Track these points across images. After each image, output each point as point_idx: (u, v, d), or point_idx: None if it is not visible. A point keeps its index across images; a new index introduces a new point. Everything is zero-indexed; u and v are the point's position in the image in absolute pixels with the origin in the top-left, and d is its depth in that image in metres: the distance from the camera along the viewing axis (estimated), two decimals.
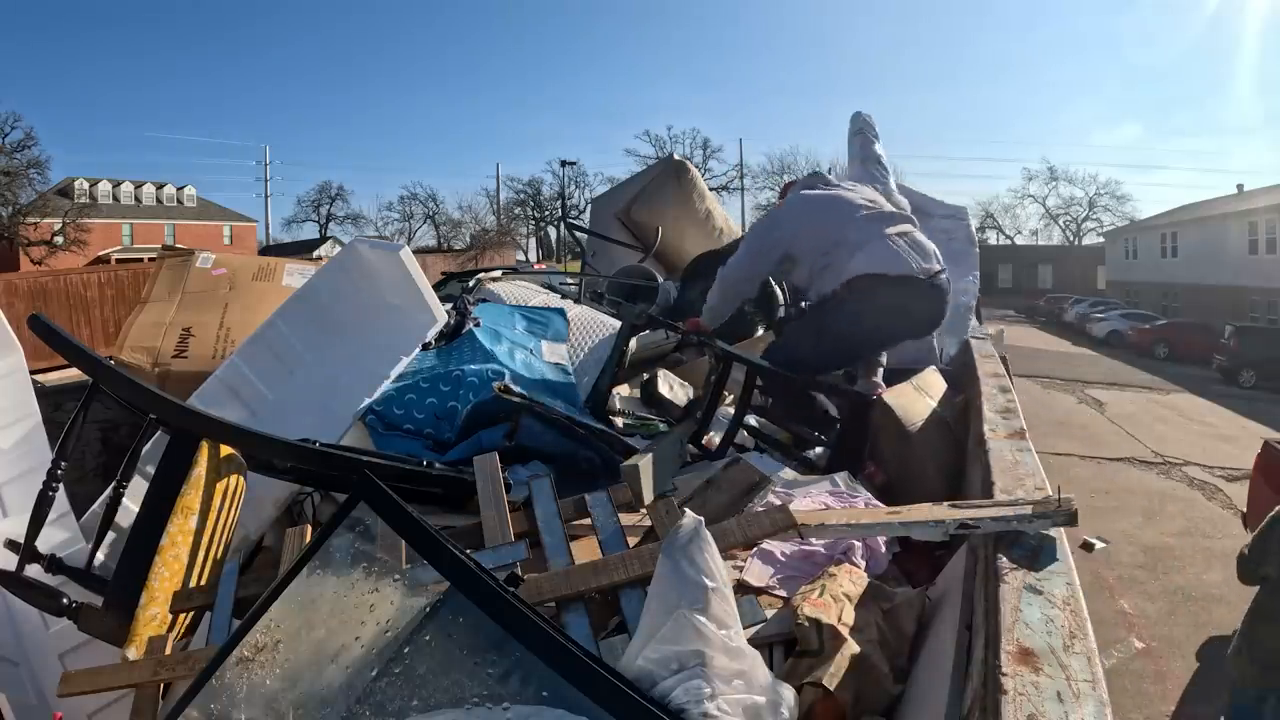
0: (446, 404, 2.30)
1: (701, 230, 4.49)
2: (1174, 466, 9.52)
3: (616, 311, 3.23)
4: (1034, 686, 0.82)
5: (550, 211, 42.43)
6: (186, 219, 35.40)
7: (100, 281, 11.36)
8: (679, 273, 4.02)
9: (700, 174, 4.79)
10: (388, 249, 2.35)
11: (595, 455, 2.06)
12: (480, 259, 29.24)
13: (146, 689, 1.34)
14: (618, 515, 1.46)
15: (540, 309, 3.02)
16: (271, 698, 1.03)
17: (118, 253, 29.87)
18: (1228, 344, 17.41)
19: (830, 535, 1.43)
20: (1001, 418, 1.83)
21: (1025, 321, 30.63)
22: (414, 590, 1.06)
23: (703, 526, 1.07)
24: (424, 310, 2.24)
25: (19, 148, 28.56)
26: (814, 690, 1.08)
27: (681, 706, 0.90)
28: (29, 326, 1.59)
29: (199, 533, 1.56)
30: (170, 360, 2.69)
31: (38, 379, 2.35)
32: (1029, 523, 1.18)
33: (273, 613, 1.06)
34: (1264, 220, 22.41)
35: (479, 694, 0.94)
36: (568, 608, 1.26)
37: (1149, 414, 12.92)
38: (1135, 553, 6.76)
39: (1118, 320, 24.75)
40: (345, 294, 2.26)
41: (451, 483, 1.81)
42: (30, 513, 1.59)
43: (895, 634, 1.26)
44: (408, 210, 44.81)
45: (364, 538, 1.09)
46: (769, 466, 1.98)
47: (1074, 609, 0.97)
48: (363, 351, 2.18)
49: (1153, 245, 30.09)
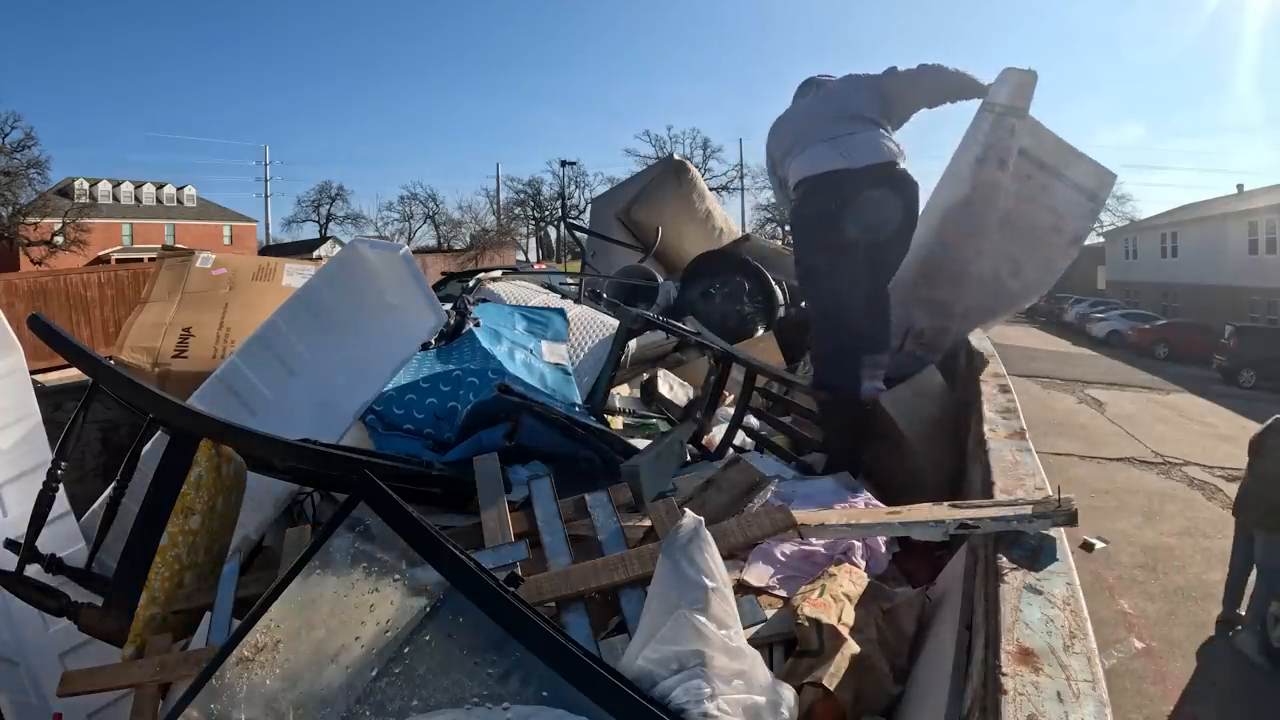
0: (446, 404, 2.30)
1: (701, 230, 4.50)
2: (1174, 466, 9.52)
3: (615, 312, 3.23)
4: (1034, 686, 0.82)
5: (550, 211, 42.43)
6: (186, 219, 35.40)
7: (100, 281, 11.37)
8: (679, 273, 4.02)
9: (700, 174, 4.79)
10: (388, 249, 2.34)
11: (595, 455, 2.06)
12: (480, 259, 29.24)
13: (146, 689, 1.34)
14: (618, 515, 1.46)
15: (540, 309, 3.02)
16: (271, 698, 1.03)
17: (118, 253, 29.88)
18: (1228, 344, 17.41)
19: (830, 535, 1.43)
20: (1001, 418, 1.83)
21: (1025, 321, 30.61)
22: (414, 590, 1.06)
23: (703, 526, 1.07)
24: (424, 310, 2.24)
25: (19, 148, 28.58)
26: (814, 690, 1.08)
27: (681, 706, 0.90)
28: (29, 326, 1.59)
29: (199, 533, 1.56)
30: (170, 360, 2.69)
31: (38, 379, 2.35)
32: (1029, 523, 1.18)
33: (273, 613, 1.06)
34: (1264, 220, 22.41)
35: (479, 694, 0.94)
36: (568, 608, 1.26)
37: (1149, 414, 12.92)
38: (1135, 553, 6.76)
39: (1118, 320, 24.76)
40: (345, 294, 2.26)
41: (451, 483, 1.81)
42: (30, 513, 1.59)
43: (895, 634, 1.26)
44: (408, 210, 44.83)
45: (364, 538, 1.09)
46: (769, 467, 1.98)
47: (1074, 609, 0.97)
48: (363, 351, 2.18)
49: (1153, 245, 30.09)
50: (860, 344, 2.34)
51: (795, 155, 2.46)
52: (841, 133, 2.40)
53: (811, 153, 2.41)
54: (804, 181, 2.41)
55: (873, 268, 2.38)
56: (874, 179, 2.32)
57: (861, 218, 2.29)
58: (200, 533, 1.56)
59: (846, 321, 2.35)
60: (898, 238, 2.41)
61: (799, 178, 2.43)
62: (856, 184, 2.31)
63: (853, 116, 2.44)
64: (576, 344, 2.90)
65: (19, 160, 28.41)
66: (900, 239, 2.42)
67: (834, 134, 2.40)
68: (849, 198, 2.30)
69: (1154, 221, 32.02)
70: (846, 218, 2.29)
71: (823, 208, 2.35)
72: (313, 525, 1.81)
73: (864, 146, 2.37)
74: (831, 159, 2.35)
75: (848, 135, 2.39)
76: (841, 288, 2.34)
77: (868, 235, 2.31)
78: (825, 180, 2.35)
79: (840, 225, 2.29)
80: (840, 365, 2.33)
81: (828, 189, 2.34)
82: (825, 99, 2.57)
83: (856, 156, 2.34)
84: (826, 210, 2.33)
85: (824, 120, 2.47)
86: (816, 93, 2.65)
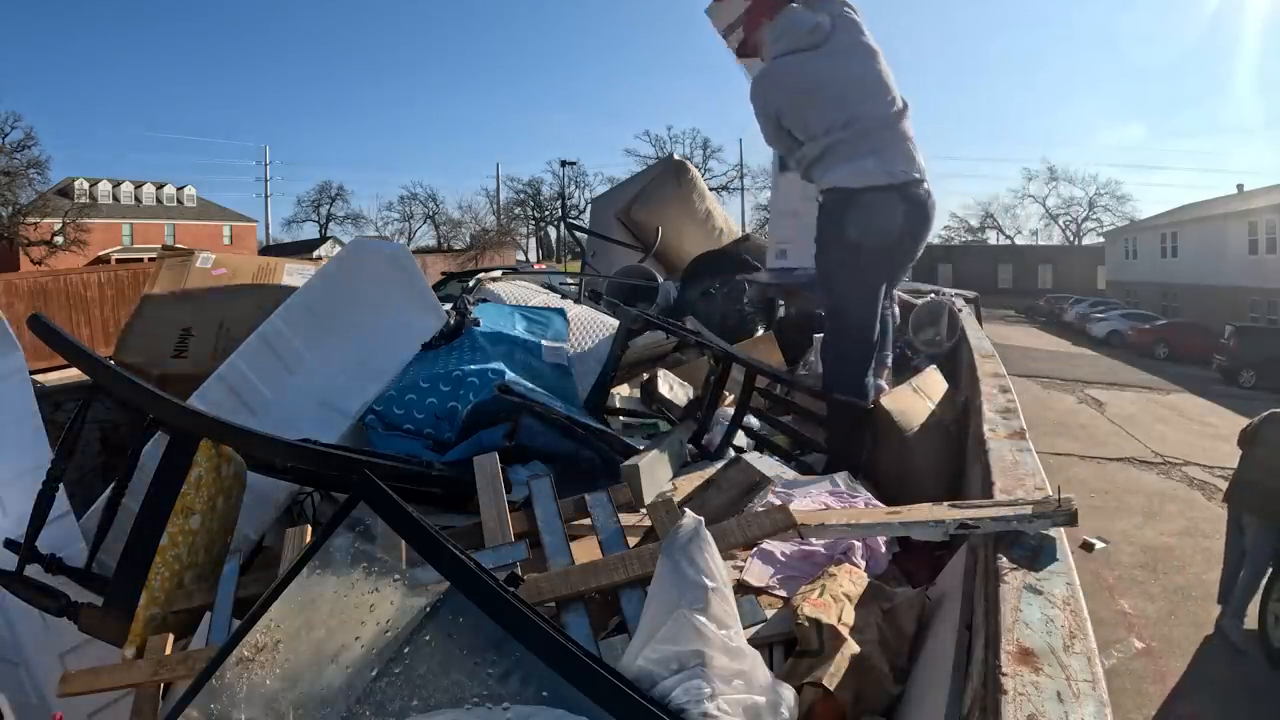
0: (446, 404, 2.30)
1: (701, 230, 4.50)
2: (1174, 466, 9.53)
3: (615, 311, 3.23)
4: (1034, 686, 0.82)
5: (550, 211, 42.47)
6: (186, 219, 35.42)
7: (100, 281, 11.38)
8: (679, 273, 4.03)
9: (700, 174, 4.80)
10: (388, 249, 2.35)
11: (595, 455, 2.06)
12: (480, 259, 29.27)
13: (146, 689, 1.34)
14: (618, 515, 1.46)
15: (540, 309, 3.02)
16: (271, 698, 1.03)
17: (118, 253, 29.89)
18: (1228, 344, 17.42)
19: (830, 535, 1.43)
20: (1001, 418, 1.83)
21: (1025, 321, 30.63)
22: (414, 590, 1.06)
23: (703, 526, 1.07)
24: (424, 310, 2.24)
25: (19, 148, 28.62)
26: (814, 690, 1.08)
27: (681, 706, 0.90)
28: (29, 326, 1.59)
29: (199, 533, 1.56)
30: (170, 360, 2.69)
31: (38, 379, 2.35)
32: (1029, 523, 1.18)
33: (273, 613, 1.06)
34: (1264, 220, 22.42)
35: (479, 694, 0.94)
36: (568, 608, 1.26)
37: (1149, 414, 12.92)
38: (1135, 553, 6.76)
39: (1118, 320, 24.78)
40: (345, 294, 2.25)
41: (451, 483, 1.81)
42: (30, 513, 1.59)
43: (895, 634, 1.26)
44: (408, 210, 44.93)
45: (364, 538, 1.09)
46: (769, 467, 1.98)
47: (1074, 609, 0.97)
48: (363, 351, 2.18)
49: (1153, 245, 30.10)
50: (870, 350, 2.40)
51: (832, 164, 2.37)
52: (880, 144, 2.34)
53: (850, 166, 2.33)
54: (838, 191, 2.36)
55: (890, 277, 2.48)
56: (905, 193, 2.33)
57: (891, 231, 2.32)
58: (200, 533, 1.56)
59: (863, 328, 2.38)
60: (915, 246, 2.46)
61: (834, 185, 2.37)
62: (895, 199, 2.31)
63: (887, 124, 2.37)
64: (576, 344, 2.90)
65: (19, 160, 28.46)
66: (917, 248, 2.48)
67: (873, 146, 2.33)
68: (887, 212, 2.30)
69: (1154, 221, 32.04)
70: (878, 231, 2.31)
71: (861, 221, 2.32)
72: (313, 525, 1.80)
73: (903, 159, 2.34)
74: (874, 174, 2.31)
75: (887, 147, 2.35)
76: (865, 296, 2.37)
77: (892, 246, 2.37)
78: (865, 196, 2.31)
79: (871, 237, 2.31)
80: (851, 371, 2.37)
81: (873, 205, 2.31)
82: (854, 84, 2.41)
83: (897, 171, 2.31)
84: (861, 224, 2.31)
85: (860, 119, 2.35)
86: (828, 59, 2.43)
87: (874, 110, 2.37)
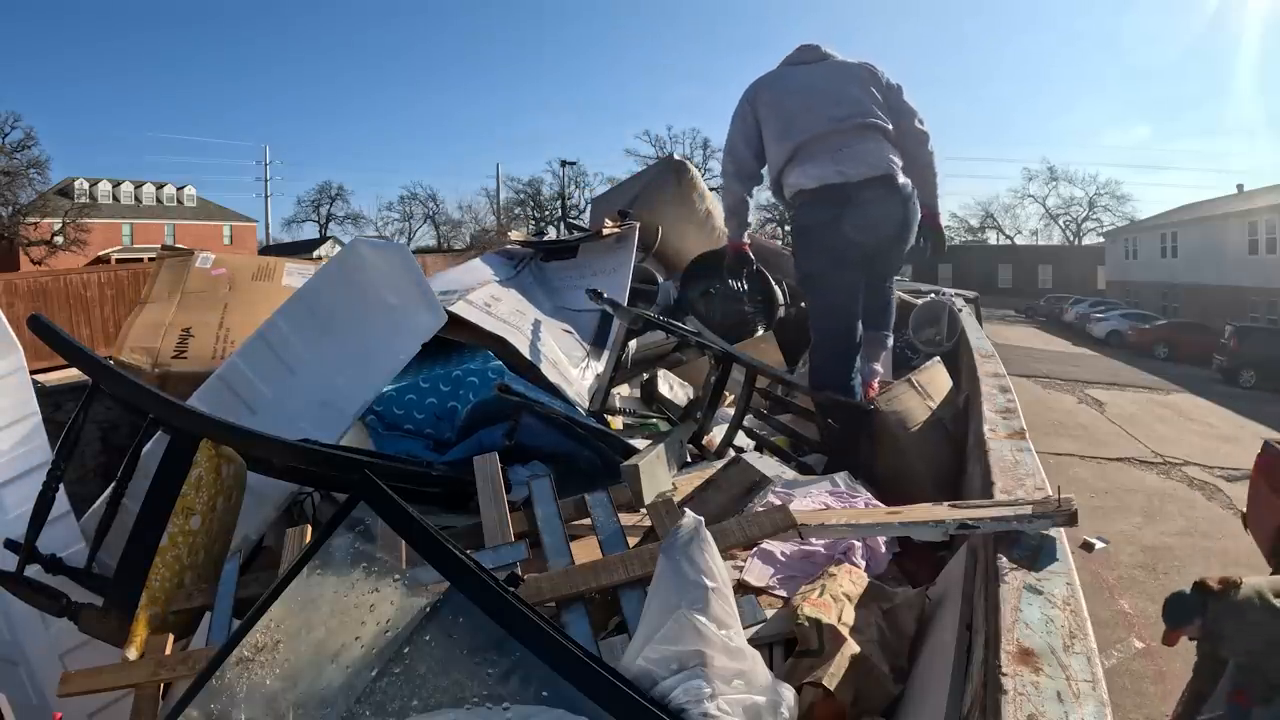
0: (446, 404, 2.30)
1: (701, 230, 4.49)
2: (1174, 466, 9.52)
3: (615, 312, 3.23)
4: (1034, 686, 0.82)
5: (550, 211, 42.47)
6: (186, 219, 35.38)
7: (100, 281, 11.38)
8: (679, 273, 4.02)
9: (700, 174, 4.79)
10: (388, 248, 2.35)
11: (595, 455, 2.06)
12: None
13: (146, 689, 1.34)
14: (618, 515, 1.46)
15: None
16: (271, 698, 1.03)
17: (118, 253, 29.85)
18: (1228, 344, 17.40)
19: (830, 535, 1.43)
20: (1001, 418, 1.82)
21: (1025, 321, 30.62)
22: (414, 590, 1.06)
23: (703, 526, 1.07)
24: (424, 310, 2.24)
25: (19, 148, 28.58)
26: (814, 690, 1.08)
27: (681, 706, 0.90)
28: (29, 326, 1.59)
29: (199, 533, 1.56)
30: (170, 360, 2.68)
31: (38, 379, 2.34)
32: (1029, 523, 1.18)
33: (273, 613, 1.06)
34: (1264, 220, 22.40)
35: (479, 694, 0.94)
36: (568, 608, 1.26)
37: (1149, 414, 12.92)
38: (1135, 553, 6.76)
39: (1118, 320, 24.76)
40: (345, 293, 2.25)
41: (451, 483, 1.81)
42: (30, 513, 1.59)
43: (895, 634, 1.26)
44: (408, 210, 44.92)
45: (364, 538, 1.09)
46: (769, 467, 1.98)
47: (1074, 609, 0.97)
48: (363, 351, 2.18)
49: (1153, 245, 30.08)
50: (853, 349, 2.47)
51: (796, 165, 2.49)
52: (842, 143, 2.43)
53: (811, 165, 2.45)
54: (803, 193, 2.48)
55: (870, 274, 2.53)
56: (872, 191, 2.39)
57: (858, 228, 2.38)
58: (200, 533, 1.56)
59: (842, 327, 2.45)
60: (892, 245, 2.52)
61: (798, 188, 2.49)
62: (854, 197, 2.38)
63: (857, 125, 2.46)
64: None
65: (19, 160, 28.42)
66: (896, 245, 2.53)
67: (836, 145, 2.43)
68: (846, 211, 2.38)
69: (1154, 221, 32.01)
70: (843, 229, 2.38)
71: (821, 219, 2.44)
72: (313, 525, 1.80)
73: (864, 159, 2.41)
74: (830, 174, 2.40)
75: (848, 146, 2.43)
76: (839, 294, 2.46)
77: (865, 244, 2.43)
78: (824, 194, 2.42)
79: (837, 236, 2.39)
80: (834, 370, 2.42)
81: (826, 203, 2.42)
82: (824, 94, 2.53)
83: (855, 169, 2.39)
84: (823, 222, 2.43)
85: (824, 121, 2.47)
86: (813, 72, 2.61)
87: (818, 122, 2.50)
